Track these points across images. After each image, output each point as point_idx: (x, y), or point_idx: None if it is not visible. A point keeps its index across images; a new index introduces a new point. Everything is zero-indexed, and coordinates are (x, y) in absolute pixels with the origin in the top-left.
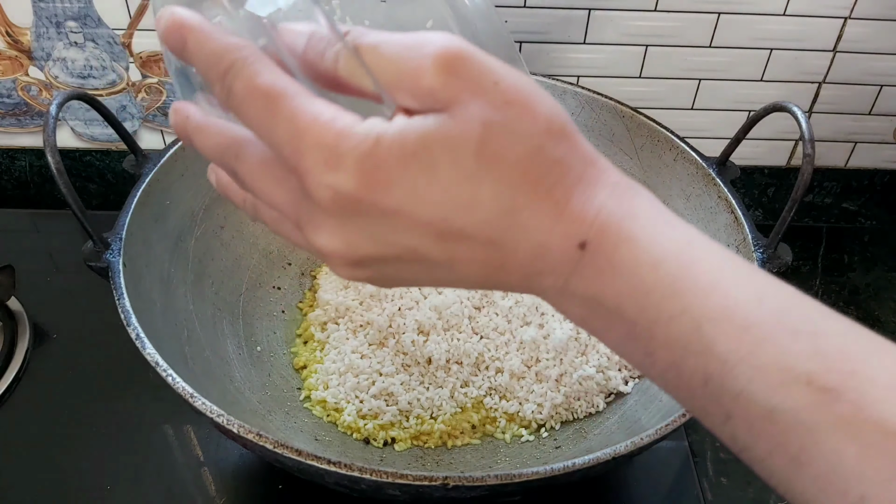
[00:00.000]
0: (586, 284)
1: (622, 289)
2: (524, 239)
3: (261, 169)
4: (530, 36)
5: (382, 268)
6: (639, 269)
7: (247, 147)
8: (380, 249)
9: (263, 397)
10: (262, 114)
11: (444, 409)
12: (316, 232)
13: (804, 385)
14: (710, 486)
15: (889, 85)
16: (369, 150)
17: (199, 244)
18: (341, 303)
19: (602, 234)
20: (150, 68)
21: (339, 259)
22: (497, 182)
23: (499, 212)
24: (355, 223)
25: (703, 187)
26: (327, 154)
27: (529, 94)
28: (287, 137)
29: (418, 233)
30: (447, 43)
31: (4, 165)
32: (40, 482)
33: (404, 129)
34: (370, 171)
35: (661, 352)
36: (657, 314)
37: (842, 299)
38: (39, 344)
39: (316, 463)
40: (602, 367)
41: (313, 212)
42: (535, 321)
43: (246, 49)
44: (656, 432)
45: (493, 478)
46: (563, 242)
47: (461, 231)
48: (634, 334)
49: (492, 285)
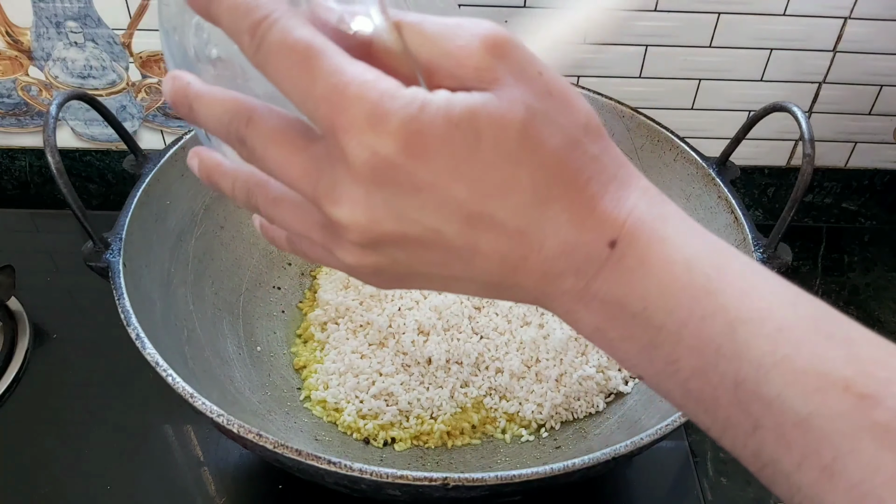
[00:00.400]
0: (610, 286)
1: (651, 290)
2: (553, 234)
3: (277, 134)
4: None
5: (396, 252)
6: (671, 269)
7: (261, 111)
8: (402, 227)
9: (263, 397)
10: (298, 68)
11: (444, 409)
12: (337, 202)
13: (841, 391)
14: (710, 486)
15: (889, 85)
16: (414, 114)
17: (199, 244)
18: (341, 303)
19: (634, 233)
20: (150, 68)
21: (356, 234)
22: (536, 169)
23: (533, 200)
24: (384, 194)
25: (703, 187)
26: (370, 111)
27: (569, 89)
28: (325, 93)
29: (447, 212)
30: (494, 27)
31: (4, 165)
32: (40, 482)
33: (450, 99)
34: (413, 136)
35: (688, 357)
36: (687, 315)
37: (842, 299)
38: (39, 344)
39: (316, 463)
40: (602, 367)
41: (337, 179)
42: (535, 321)
43: (282, 5)
44: (656, 432)
45: (493, 478)
46: (592, 240)
47: (491, 216)
48: (657, 341)
49: (503, 288)
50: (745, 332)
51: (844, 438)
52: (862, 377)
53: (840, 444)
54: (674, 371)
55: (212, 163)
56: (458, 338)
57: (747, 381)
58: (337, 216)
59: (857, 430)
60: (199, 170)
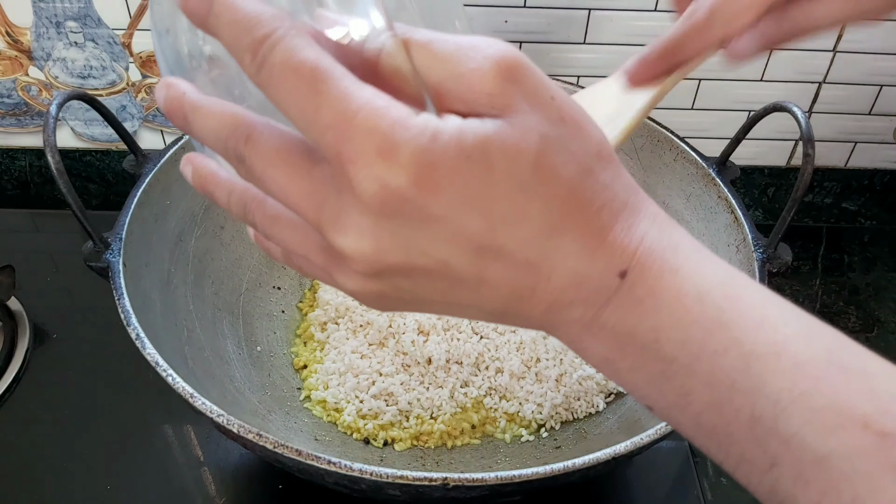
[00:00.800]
0: (619, 317)
1: (662, 321)
2: (562, 265)
3: (278, 155)
4: (530, 36)
5: (401, 282)
6: (683, 300)
7: (260, 129)
8: (410, 259)
9: (263, 397)
10: (303, 92)
11: (444, 409)
12: (342, 231)
13: (860, 428)
14: (710, 486)
15: (889, 85)
16: (426, 145)
17: (199, 244)
18: (341, 303)
19: (645, 263)
20: (150, 68)
21: (360, 265)
22: (548, 199)
23: (544, 231)
24: (391, 226)
25: (703, 187)
26: (381, 142)
27: (582, 115)
28: (332, 120)
29: (456, 245)
30: (507, 50)
31: (4, 165)
32: (40, 482)
33: (462, 128)
34: (425, 169)
35: (701, 391)
36: (700, 349)
37: (842, 299)
38: (39, 344)
39: (316, 463)
40: None
41: (343, 208)
42: None
43: (286, 21)
44: (656, 432)
45: (493, 478)
46: (603, 270)
47: (501, 248)
48: (669, 373)
49: (509, 316)
50: (760, 367)
51: (864, 478)
52: (880, 414)
53: (860, 484)
54: (686, 404)
55: (206, 172)
56: (458, 338)
57: (764, 418)
58: (341, 245)
59: (878, 470)
60: (192, 179)
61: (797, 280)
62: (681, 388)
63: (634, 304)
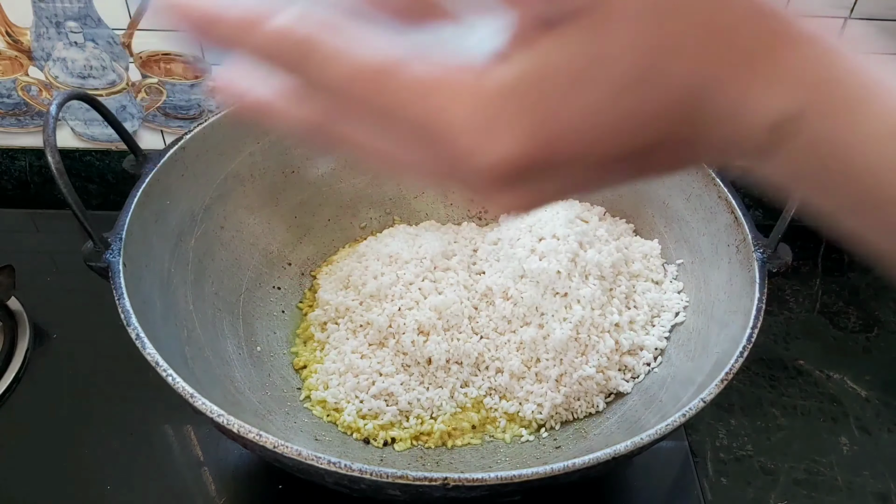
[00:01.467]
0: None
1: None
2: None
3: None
4: None
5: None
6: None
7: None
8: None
9: (263, 397)
10: (375, 98)
11: (444, 409)
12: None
13: None
14: (710, 486)
15: None
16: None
17: (199, 244)
18: (341, 303)
19: (827, 95)
20: (150, 68)
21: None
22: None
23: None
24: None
25: (703, 187)
26: (475, 104)
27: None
28: (418, 116)
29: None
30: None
31: (4, 165)
32: (40, 482)
33: (561, 38)
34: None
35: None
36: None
37: (842, 299)
38: (39, 344)
39: (316, 463)
40: (602, 367)
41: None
42: (534, 321)
43: (310, 17)
44: (656, 432)
45: (493, 478)
46: (772, 111)
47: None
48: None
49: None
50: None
51: None
52: None
53: None
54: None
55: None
56: (458, 338)
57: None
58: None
59: None
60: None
61: (797, 280)
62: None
63: (822, 143)
